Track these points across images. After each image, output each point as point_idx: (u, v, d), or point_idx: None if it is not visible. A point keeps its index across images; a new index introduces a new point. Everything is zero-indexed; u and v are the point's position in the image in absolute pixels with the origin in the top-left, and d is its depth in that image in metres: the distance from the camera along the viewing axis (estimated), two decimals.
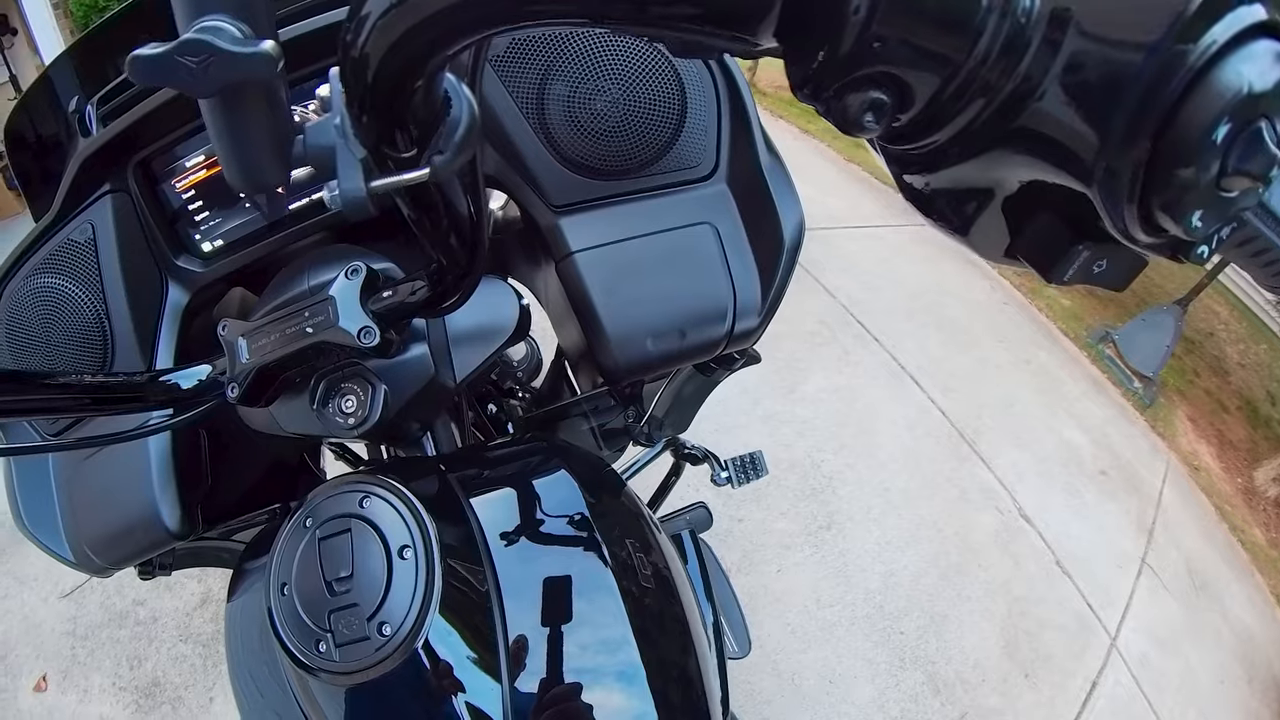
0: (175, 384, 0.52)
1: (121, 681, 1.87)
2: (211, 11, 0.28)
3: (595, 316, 0.67)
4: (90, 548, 0.66)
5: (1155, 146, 0.21)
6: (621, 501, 0.63)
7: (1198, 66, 0.20)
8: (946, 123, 0.24)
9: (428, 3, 0.25)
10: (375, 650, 0.43)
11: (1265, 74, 0.20)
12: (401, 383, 0.57)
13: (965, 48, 0.22)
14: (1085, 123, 0.22)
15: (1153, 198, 0.22)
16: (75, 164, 0.66)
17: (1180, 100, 0.21)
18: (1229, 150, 0.21)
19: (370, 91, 0.29)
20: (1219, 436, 4.27)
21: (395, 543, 0.45)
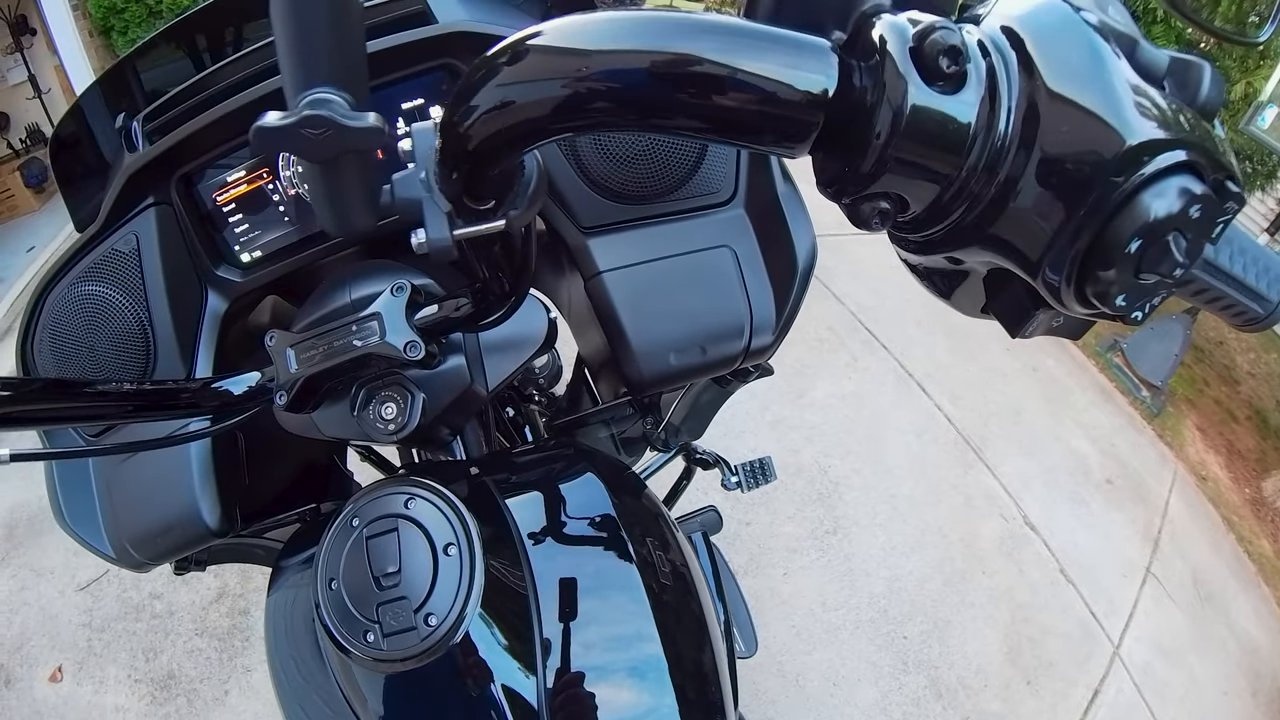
0: (227, 390, 0.55)
1: (137, 673, 1.90)
2: (320, 84, 0.32)
3: (622, 332, 0.70)
4: (131, 544, 0.69)
5: (1087, 252, 0.27)
6: (643, 503, 0.66)
7: (1123, 197, 0.26)
8: (938, 224, 0.31)
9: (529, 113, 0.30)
10: (421, 640, 0.46)
11: (1174, 204, 0.26)
12: (438, 391, 0.61)
13: (959, 164, 0.28)
14: (1037, 233, 0.28)
15: (1085, 287, 0.28)
16: (122, 177, 0.69)
17: (1108, 220, 0.26)
18: (1143, 257, 0.27)
19: (466, 160, 0.34)
20: (1228, 446, 4.26)
21: (440, 540, 0.48)
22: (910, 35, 0.26)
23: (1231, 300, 0.37)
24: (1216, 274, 0.36)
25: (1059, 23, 0.27)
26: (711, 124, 0.29)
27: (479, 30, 0.68)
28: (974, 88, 0.27)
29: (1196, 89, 0.28)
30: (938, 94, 0.26)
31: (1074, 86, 0.27)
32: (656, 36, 0.28)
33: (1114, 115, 0.26)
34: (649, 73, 0.28)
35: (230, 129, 0.68)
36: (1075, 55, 0.27)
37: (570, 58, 0.29)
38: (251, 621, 2.04)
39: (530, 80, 0.30)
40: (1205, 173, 0.27)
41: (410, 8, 0.70)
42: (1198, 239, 0.27)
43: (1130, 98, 0.26)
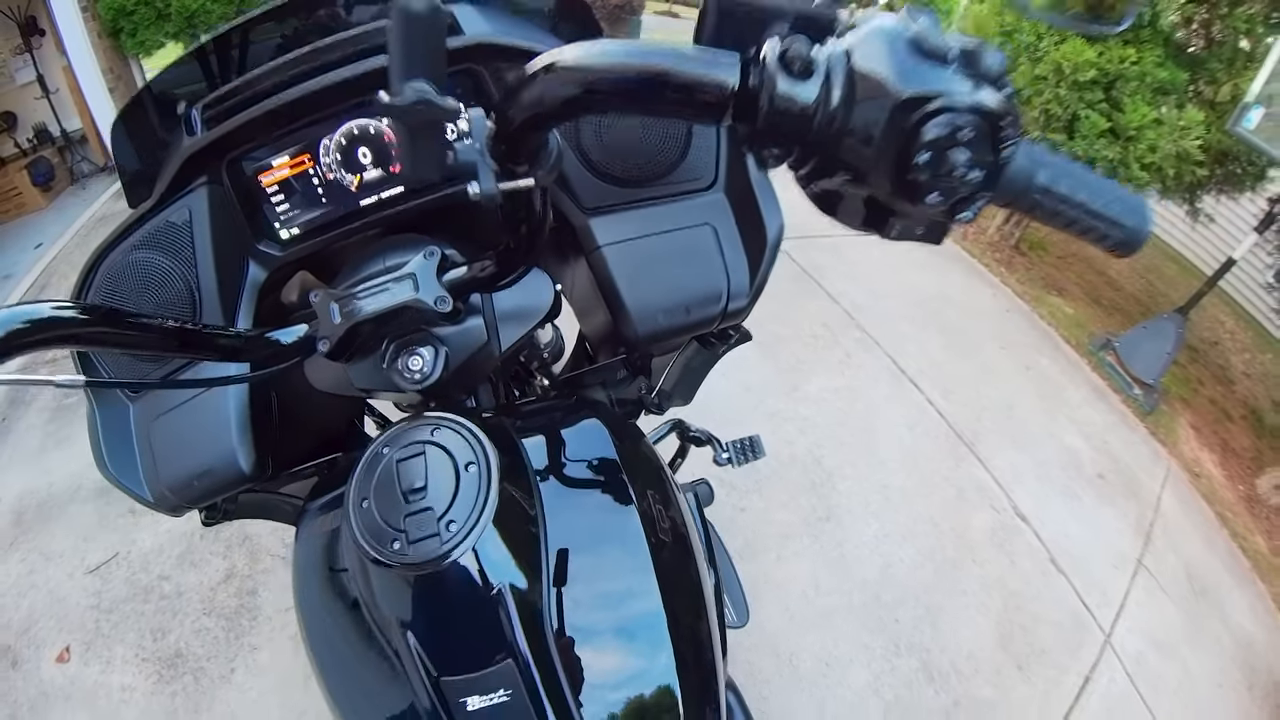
0: (277, 339, 0.63)
1: (144, 653, 1.94)
2: (415, 76, 0.47)
3: (619, 296, 0.82)
4: (170, 487, 0.76)
5: (898, 164, 0.40)
6: (641, 449, 0.75)
7: (909, 126, 0.39)
8: (809, 161, 0.44)
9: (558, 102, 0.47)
10: (443, 544, 0.52)
11: (943, 130, 0.38)
12: (459, 346, 0.69)
13: (810, 121, 0.42)
14: (864, 157, 0.41)
15: (901, 188, 0.41)
16: (180, 158, 0.77)
17: (903, 143, 0.39)
18: (934, 164, 0.39)
19: (512, 135, 0.50)
20: (1222, 444, 4.30)
21: (462, 460, 0.55)
22: (779, 48, 0.41)
23: (1097, 230, 0.48)
24: (1078, 207, 0.47)
25: (870, 31, 0.41)
26: (665, 106, 0.46)
27: (499, 42, 0.79)
28: (818, 77, 0.41)
29: (979, 63, 0.40)
30: (794, 82, 0.41)
31: (872, 63, 0.40)
32: (633, 57, 0.44)
33: (894, 79, 0.39)
34: (628, 77, 0.44)
35: (280, 120, 0.77)
36: (875, 46, 0.40)
37: (578, 71, 0.45)
38: (259, 601, 2.07)
39: (554, 84, 0.46)
40: (976, 111, 0.39)
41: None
42: (980, 151, 0.39)
43: (907, 70, 0.39)
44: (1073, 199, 0.46)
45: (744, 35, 0.44)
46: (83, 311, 0.47)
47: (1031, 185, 0.46)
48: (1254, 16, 4.26)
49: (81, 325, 0.47)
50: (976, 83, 0.39)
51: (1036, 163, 0.46)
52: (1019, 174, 0.45)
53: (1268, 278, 5.95)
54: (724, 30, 0.46)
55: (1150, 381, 4.19)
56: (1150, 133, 4.25)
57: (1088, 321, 4.83)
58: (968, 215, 0.42)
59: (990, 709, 2.19)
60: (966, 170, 0.39)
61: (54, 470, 2.45)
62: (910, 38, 0.39)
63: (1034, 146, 0.47)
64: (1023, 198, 0.46)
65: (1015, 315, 4.54)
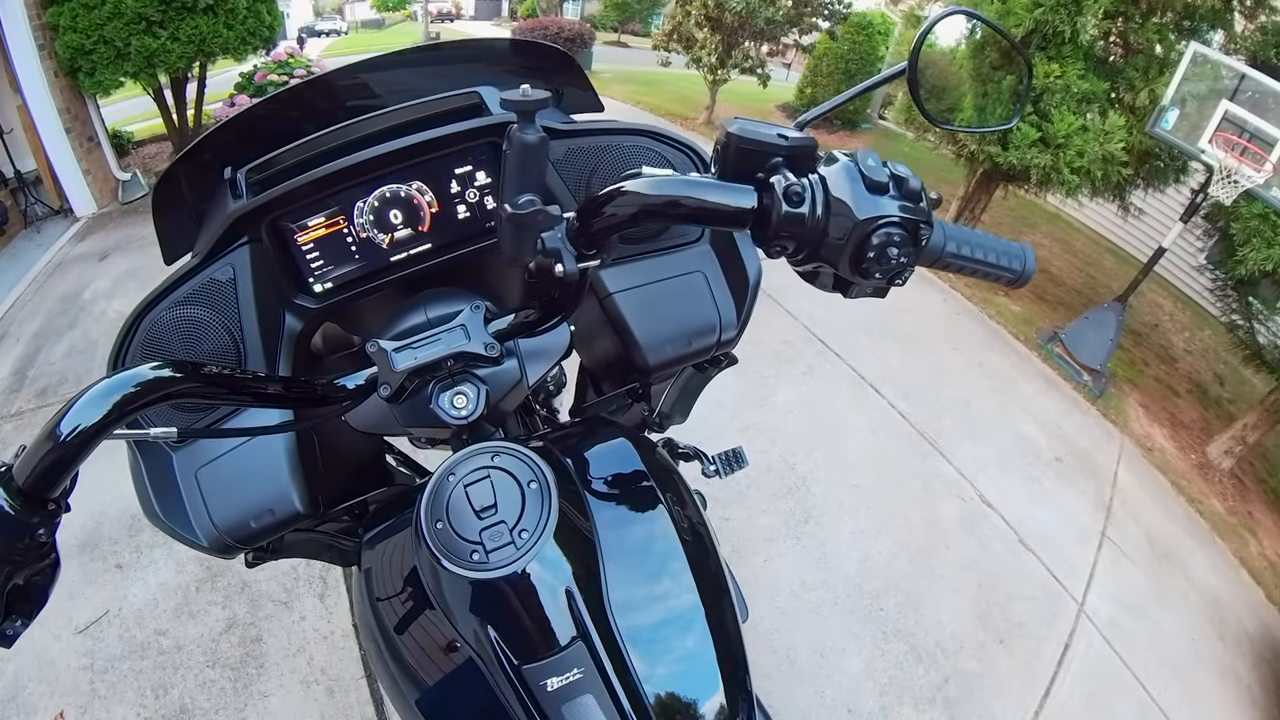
0: (343, 384, 0.71)
1: (146, 712, 1.88)
2: (528, 191, 0.62)
3: (631, 333, 0.95)
4: (225, 529, 0.81)
5: (855, 258, 0.57)
6: (660, 460, 0.85)
7: (861, 237, 0.56)
8: (801, 253, 0.60)
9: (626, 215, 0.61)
10: (518, 550, 0.60)
11: (883, 237, 0.56)
12: (497, 385, 0.78)
13: (803, 230, 0.58)
14: (836, 251, 0.58)
15: (857, 271, 0.58)
16: (229, 219, 0.84)
17: (858, 246, 0.57)
18: (878, 257, 0.57)
19: (589, 235, 0.63)
20: (1171, 419, 4.53)
21: (524, 479, 0.64)
22: (783, 186, 0.57)
23: (994, 274, 0.67)
24: (972, 261, 0.66)
25: (837, 170, 0.58)
26: (701, 220, 0.63)
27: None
28: (808, 201, 0.57)
29: (906, 185, 0.57)
30: (792, 208, 0.57)
31: (839, 193, 0.57)
32: (679, 188, 0.60)
33: (853, 207, 0.56)
34: (670, 203, 0.59)
35: (321, 186, 0.86)
36: (840, 181, 0.57)
37: (642, 198, 0.60)
38: (265, 649, 2.05)
39: (628, 205, 0.60)
40: (903, 223, 0.57)
41: (469, 100, 0.94)
42: (908, 245, 0.57)
43: (860, 200, 0.56)
44: (973, 257, 0.66)
45: (753, 162, 0.60)
46: (177, 369, 0.52)
47: (944, 253, 0.65)
48: (1165, 26, 4.64)
49: (179, 382, 0.52)
50: (903, 203, 0.57)
51: (946, 237, 0.65)
52: (935, 248, 0.64)
53: (1199, 260, 6.31)
54: (740, 159, 0.60)
55: (1097, 367, 4.42)
56: (1077, 139, 4.59)
57: (1034, 317, 5.08)
58: (900, 282, 0.61)
59: (979, 680, 2.31)
60: (899, 257, 0.57)
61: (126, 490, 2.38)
62: (861, 173, 0.57)
63: (944, 225, 0.65)
64: (938, 262, 0.66)
65: (965, 317, 4.78)
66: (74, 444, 0.47)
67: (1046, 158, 4.69)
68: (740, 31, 7.74)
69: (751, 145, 0.60)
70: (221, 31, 5.07)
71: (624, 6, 18.30)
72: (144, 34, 4.73)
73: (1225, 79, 3.94)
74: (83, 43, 4.60)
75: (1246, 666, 2.87)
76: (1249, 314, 4.27)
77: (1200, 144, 3.93)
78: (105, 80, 4.82)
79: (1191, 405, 4.93)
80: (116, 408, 0.48)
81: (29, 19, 4.44)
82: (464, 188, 0.94)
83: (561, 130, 0.94)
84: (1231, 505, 3.90)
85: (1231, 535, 3.62)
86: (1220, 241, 4.61)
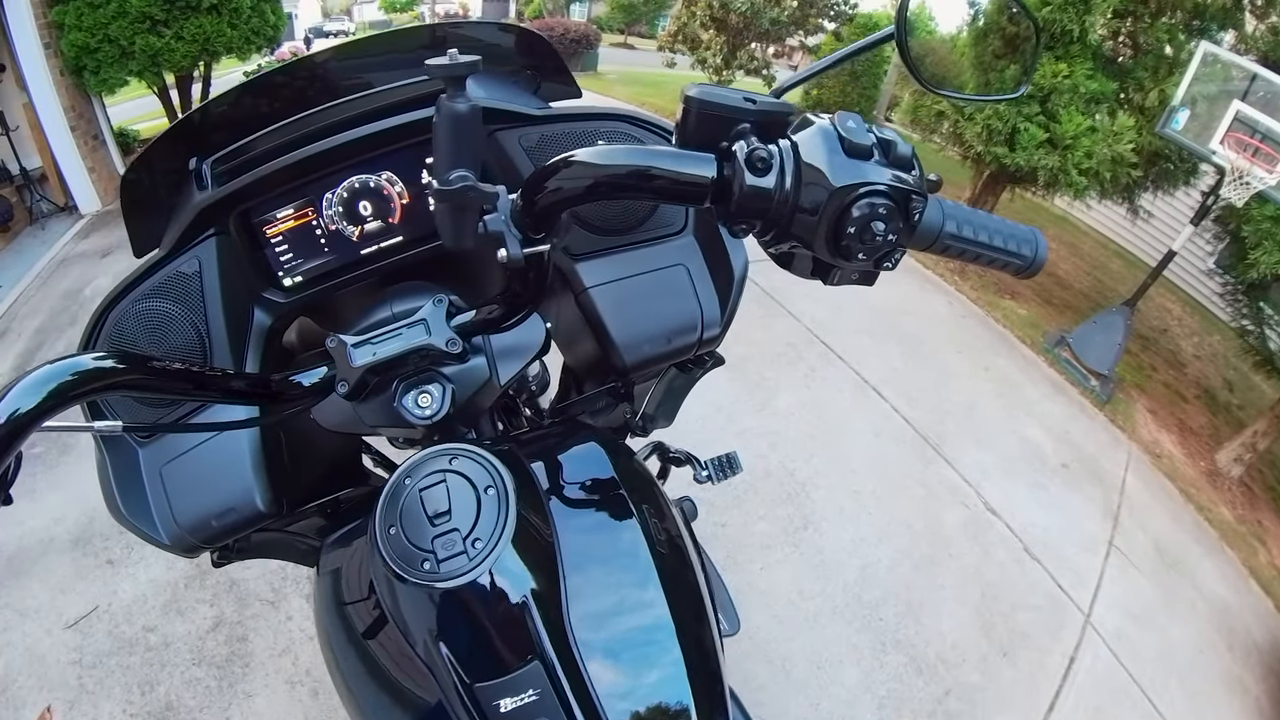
0: (299, 382, 0.68)
1: (133, 708, 1.88)
2: (461, 167, 0.57)
3: (607, 331, 0.89)
4: (187, 528, 0.79)
5: (833, 235, 0.51)
6: (635, 467, 0.81)
7: (838, 209, 0.50)
8: (770, 231, 0.55)
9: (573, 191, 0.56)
10: (470, 560, 0.57)
11: (865, 210, 0.50)
12: (464, 384, 0.74)
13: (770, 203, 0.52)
14: (809, 229, 0.52)
15: (840, 251, 0.52)
16: (193, 211, 0.81)
17: (835, 221, 0.51)
18: (860, 233, 0.50)
19: (535, 214, 0.58)
20: (1180, 425, 4.47)
21: (481, 484, 0.60)
22: (745, 150, 0.52)
23: (1000, 259, 0.60)
24: (975, 244, 0.59)
25: (811, 134, 0.52)
26: (659, 194, 0.56)
27: (494, 106, 0.85)
28: (775, 170, 0.52)
29: (892, 151, 0.51)
30: (756, 177, 0.52)
31: (813, 159, 0.51)
32: (632, 157, 0.55)
33: (829, 173, 0.50)
34: (629, 173, 0.55)
35: (288, 176, 0.82)
36: (814, 146, 0.51)
37: (591, 168, 0.55)
38: (251, 648, 2.04)
39: (575, 178, 0.56)
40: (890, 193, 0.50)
41: (436, 86, 0.89)
42: (896, 220, 0.51)
43: (837, 166, 0.50)
44: (976, 240, 0.59)
45: (717, 131, 0.54)
46: (122, 360, 0.50)
47: (941, 234, 0.58)
48: (1175, 26, 4.59)
49: (123, 374, 0.50)
50: (890, 169, 0.51)
51: (944, 215, 0.58)
52: (929, 227, 0.57)
53: (1209, 264, 6.25)
54: (702, 127, 0.55)
55: (1105, 372, 4.36)
56: (1086, 140, 4.53)
57: (1041, 321, 5.03)
58: (890, 265, 0.55)
59: (980, 693, 2.26)
60: (885, 234, 0.51)
61: (25, 521, 2.40)
62: (840, 137, 0.51)
63: (942, 202, 0.58)
64: (935, 244, 0.59)
65: (970, 320, 4.72)
66: (4, 433, 0.44)
67: (1054, 159, 4.63)
68: (745, 33, 7.72)
69: (715, 111, 0.55)
70: (225, 31, 5.09)
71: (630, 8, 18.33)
72: (148, 33, 4.77)
73: (1236, 79, 3.89)
74: (87, 41, 4.65)
75: (1255, 678, 2.81)
76: (1260, 319, 4.21)
77: (1211, 145, 3.87)
78: (110, 79, 4.87)
79: (1200, 411, 4.87)
80: (52, 396, 0.46)
81: (35, 18, 4.48)
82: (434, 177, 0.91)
83: (535, 117, 0.90)
84: (1240, 513, 3.84)
85: (1240, 544, 3.56)
86: (1230, 245, 4.55)
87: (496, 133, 0.88)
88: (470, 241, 0.60)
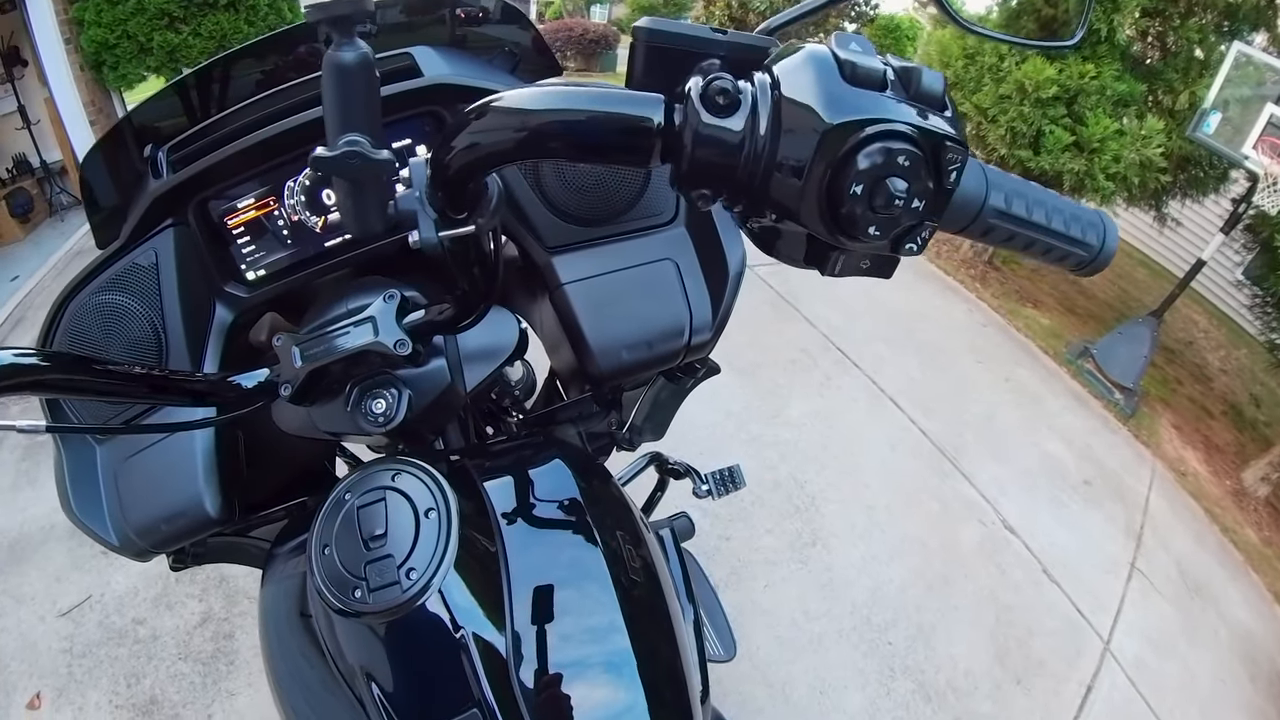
0: (239, 383, 0.62)
1: (119, 699, 1.89)
2: (353, 130, 0.48)
3: (581, 334, 0.81)
4: (135, 532, 0.74)
5: (830, 198, 0.38)
6: (609, 489, 0.75)
7: (837, 158, 0.37)
8: (740, 199, 0.43)
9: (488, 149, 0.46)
10: (403, 592, 0.51)
11: (878, 158, 0.37)
12: (423, 389, 0.68)
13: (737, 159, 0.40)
14: (793, 192, 0.39)
15: (836, 224, 0.39)
16: (147, 200, 0.77)
17: (832, 176, 0.38)
18: (870, 196, 0.37)
19: (447, 183, 0.49)
20: (1205, 441, 4.33)
21: (422, 506, 0.55)
22: (701, 84, 0.40)
23: (1058, 250, 0.47)
24: (1030, 226, 0.45)
25: (797, 60, 0.39)
26: (593, 149, 0.44)
27: (458, 83, 0.79)
28: (743, 111, 0.39)
29: (913, 84, 0.38)
30: (716, 119, 0.39)
31: (799, 93, 0.38)
32: (556, 100, 0.43)
33: (821, 107, 0.37)
34: (553, 121, 0.44)
35: (246, 162, 0.77)
36: (801, 75, 0.39)
37: (511, 116, 0.45)
38: (236, 645, 2.03)
39: (488, 130, 0.46)
40: (913, 137, 0.37)
41: (400, 62, 0.82)
42: (920, 178, 0.38)
43: (834, 97, 0.37)
44: (1029, 220, 0.45)
45: (677, 74, 0.42)
46: (45, 359, 0.46)
47: (984, 209, 0.44)
48: (1205, 26, 4.44)
49: (44, 372, 0.46)
50: (913, 106, 0.38)
51: (988, 184, 0.44)
52: (969, 198, 0.44)
53: (1236, 275, 6.07)
54: (655, 69, 0.43)
55: (1129, 385, 4.24)
56: (1113, 143, 4.40)
57: (1063, 331, 4.90)
58: (914, 247, 0.40)
59: None
60: (906, 200, 0.37)
61: (26, 509, 2.42)
62: (840, 62, 0.38)
63: (985, 167, 0.45)
64: (976, 223, 0.45)
65: (991, 329, 4.61)
66: None
67: (1080, 163, 4.50)
68: None
69: (672, 44, 0.43)
70: (242, 28, 5.11)
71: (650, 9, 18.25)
72: (166, 29, 4.78)
73: (1270, 82, 3.75)
74: (106, 37, 4.68)
75: (1278, 710, 2.69)
76: None
77: (1244, 150, 3.74)
78: (128, 74, 4.91)
79: (1226, 428, 4.72)
80: None
81: (55, 14, 4.53)
82: (402, 164, 0.83)
83: None
84: (1266, 535, 3.70)
85: (1266, 567, 3.43)
86: (1261, 255, 4.40)
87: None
88: (378, 224, 0.52)
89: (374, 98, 0.49)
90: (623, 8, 19.35)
